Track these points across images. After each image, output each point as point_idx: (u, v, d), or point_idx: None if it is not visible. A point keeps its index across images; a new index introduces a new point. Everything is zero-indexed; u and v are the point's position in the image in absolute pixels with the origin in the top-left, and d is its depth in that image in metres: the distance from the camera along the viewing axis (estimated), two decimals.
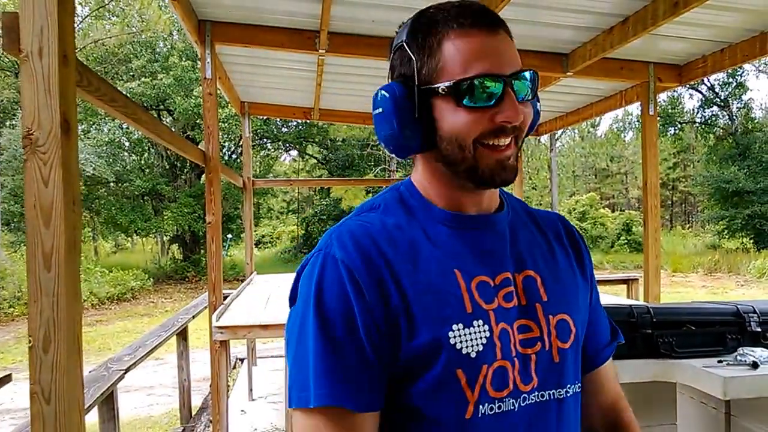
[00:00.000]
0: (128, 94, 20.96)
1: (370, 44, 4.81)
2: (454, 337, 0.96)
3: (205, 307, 6.00)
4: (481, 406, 0.97)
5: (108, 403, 3.78)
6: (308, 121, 8.54)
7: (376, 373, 0.95)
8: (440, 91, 0.98)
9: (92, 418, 3.85)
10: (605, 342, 1.24)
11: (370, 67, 5.67)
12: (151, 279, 20.21)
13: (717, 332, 2.51)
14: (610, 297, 4.07)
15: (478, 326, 0.98)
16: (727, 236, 28.38)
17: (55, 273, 1.65)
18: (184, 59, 21.86)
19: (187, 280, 22.06)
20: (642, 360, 2.43)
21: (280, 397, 6.51)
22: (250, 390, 6.56)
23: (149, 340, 4.71)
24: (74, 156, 1.75)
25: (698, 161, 36.37)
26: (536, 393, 1.02)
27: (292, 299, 1.05)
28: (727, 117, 31.94)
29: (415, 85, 1.00)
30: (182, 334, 6.04)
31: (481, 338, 0.97)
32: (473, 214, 1.08)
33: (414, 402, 0.97)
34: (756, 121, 32.73)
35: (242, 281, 6.95)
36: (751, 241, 26.64)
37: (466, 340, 0.96)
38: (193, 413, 6.29)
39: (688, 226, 40.51)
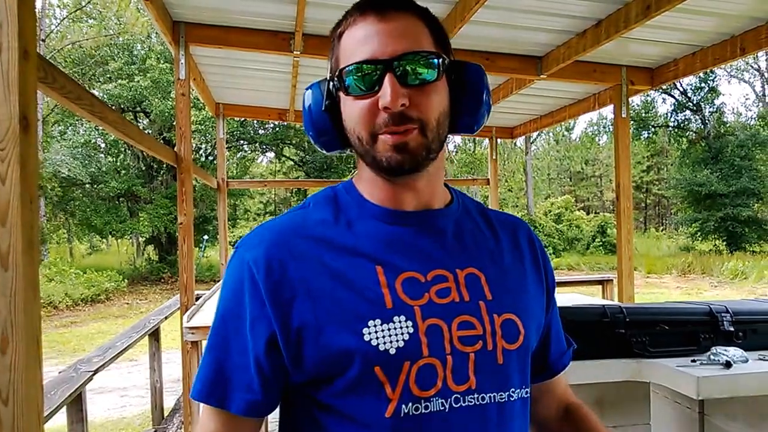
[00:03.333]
0: (105, 96, 20.94)
1: None
2: (370, 333, 0.91)
3: (178, 309, 5.94)
4: (403, 406, 0.91)
5: (76, 404, 3.73)
6: (284, 122, 8.49)
7: (262, 377, 0.94)
8: (336, 82, 0.98)
9: (61, 420, 3.81)
10: (564, 349, 1.22)
11: None
12: (126, 280, 20.01)
13: (690, 332, 2.52)
14: (584, 297, 4.10)
15: (399, 322, 0.93)
16: (700, 238, 28.79)
17: (12, 272, 1.59)
18: (161, 62, 21.76)
19: (162, 281, 21.89)
20: (615, 360, 2.43)
21: None
22: None
23: (120, 342, 4.64)
24: (33, 153, 1.69)
25: (671, 164, 36.85)
26: (473, 395, 0.96)
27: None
28: (699, 121, 32.40)
29: (327, 81, 1.02)
30: (154, 335, 5.98)
31: (402, 334, 0.92)
32: (410, 210, 1.03)
33: (332, 400, 0.94)
34: (728, 125, 33.26)
35: (218, 282, 6.88)
36: (724, 243, 27.05)
37: (384, 336, 0.91)
38: (166, 414, 6.22)
39: (661, 228, 41.01)
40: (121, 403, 7.57)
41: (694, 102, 32.37)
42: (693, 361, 2.37)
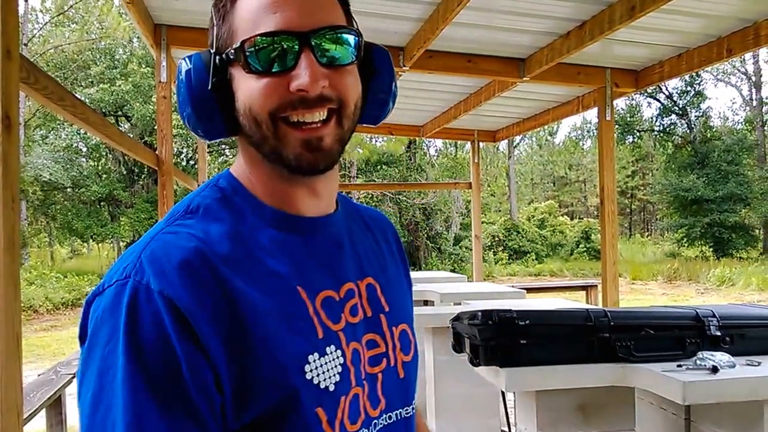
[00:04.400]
0: (87, 100, 20.86)
1: None
2: (311, 370, 0.79)
3: None
4: None
5: (56, 407, 3.71)
6: None
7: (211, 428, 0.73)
8: (230, 56, 0.81)
9: (40, 423, 3.76)
10: None
11: None
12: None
13: (676, 336, 2.47)
14: (567, 302, 4.04)
15: (331, 353, 0.82)
16: (686, 244, 28.89)
17: None
18: (143, 66, 21.95)
19: None
20: (599, 364, 2.38)
21: None
22: None
23: None
24: (15, 152, 1.71)
25: (657, 169, 37.04)
26: (384, 415, 0.89)
27: (82, 338, 0.77)
28: (685, 125, 32.60)
29: (211, 53, 0.84)
30: None
31: (336, 366, 0.82)
32: (314, 215, 0.90)
33: None
34: (714, 129, 33.54)
35: None
36: (711, 249, 27.13)
37: (323, 372, 0.80)
38: None
39: (647, 234, 41.21)
40: None
41: (680, 106, 32.55)
42: (679, 366, 2.32)
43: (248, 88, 0.81)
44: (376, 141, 24.86)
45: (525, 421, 2.55)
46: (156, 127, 4.84)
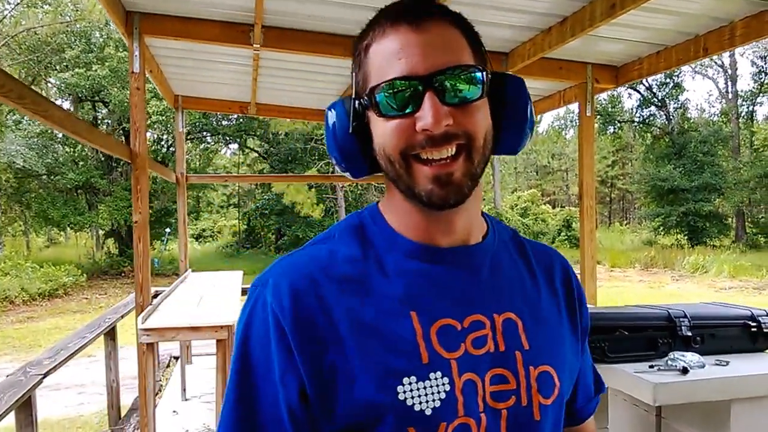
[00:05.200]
0: (62, 85, 20.43)
1: (307, 39, 4.69)
2: (405, 392, 0.83)
3: (134, 307, 5.83)
4: None
5: (25, 409, 3.61)
6: (246, 115, 8.38)
7: (296, 428, 0.85)
8: (365, 101, 0.88)
9: (10, 423, 3.71)
10: (591, 395, 1.14)
11: (309, 62, 5.56)
12: (85, 274, 19.60)
13: (649, 337, 2.50)
14: None
15: (436, 379, 0.84)
16: (662, 233, 29.32)
17: None
18: (120, 50, 21.32)
19: (123, 275, 21.47)
20: None
21: (214, 397, 6.37)
22: (183, 390, 6.37)
23: (72, 342, 4.51)
24: None
25: (636, 159, 37.39)
26: None
27: None
28: (664, 117, 32.94)
29: (352, 99, 0.92)
30: (110, 334, 5.83)
31: (439, 392, 0.84)
32: (445, 246, 0.93)
33: None
34: (692, 121, 33.93)
35: (180, 277, 6.73)
36: (686, 237, 27.57)
37: (420, 395, 0.83)
38: (123, 414, 6.09)
39: (625, 222, 41.64)
40: (78, 401, 7.43)
41: (659, 98, 32.87)
42: (651, 366, 2.35)
43: (381, 130, 0.87)
44: None
45: None
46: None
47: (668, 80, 32.64)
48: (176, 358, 8.34)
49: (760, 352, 2.56)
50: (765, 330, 2.55)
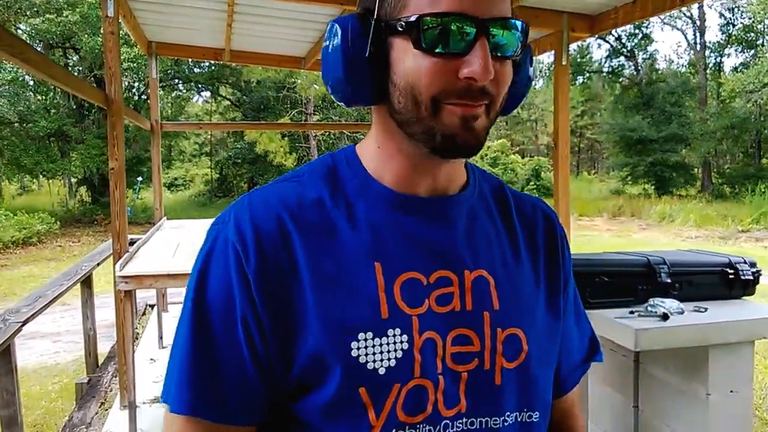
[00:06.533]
0: (32, 32, 19.85)
1: None
2: (359, 348, 0.77)
3: (110, 255, 5.78)
4: None
5: (5, 356, 3.58)
6: (220, 62, 8.22)
7: (252, 384, 0.79)
8: (399, 27, 0.76)
9: None
10: (576, 363, 1.04)
11: (284, 9, 5.45)
12: (59, 222, 19.33)
13: (628, 283, 2.57)
14: None
15: (394, 336, 0.79)
16: (630, 182, 29.74)
17: None
18: None
19: (96, 223, 21.29)
20: None
21: None
22: (160, 337, 6.39)
23: (50, 290, 4.47)
24: None
25: (605, 110, 37.56)
26: (462, 419, 0.82)
27: None
28: (633, 67, 33.03)
29: (372, 18, 0.79)
30: (86, 283, 5.79)
31: (396, 351, 0.79)
32: (423, 196, 0.87)
33: (307, 418, 0.80)
34: (660, 72, 34.10)
35: (154, 225, 6.68)
36: (653, 187, 27.99)
37: (375, 353, 0.78)
38: (101, 362, 6.10)
39: (593, 171, 42.06)
40: (54, 349, 7.42)
41: (628, 48, 32.94)
42: (631, 312, 2.42)
43: (414, 65, 0.76)
44: None
45: None
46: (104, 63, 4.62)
47: (637, 31, 32.69)
48: (152, 306, 8.33)
49: (736, 299, 2.64)
50: (742, 277, 2.62)
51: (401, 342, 0.79)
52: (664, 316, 2.32)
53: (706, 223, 19.87)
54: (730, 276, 2.63)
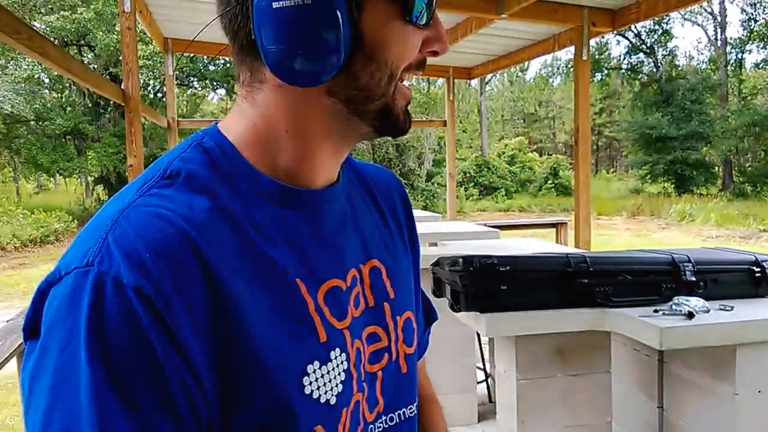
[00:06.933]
0: (47, 29, 20.15)
1: None
2: (310, 383, 0.67)
3: None
4: None
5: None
6: None
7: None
8: None
9: (11, 370, 3.71)
10: (423, 328, 0.99)
11: None
12: (76, 221, 19.47)
13: (653, 281, 2.50)
14: (544, 244, 4.08)
15: (336, 358, 0.70)
16: (649, 181, 29.46)
17: None
18: None
19: None
20: (577, 309, 2.41)
21: None
22: None
23: None
24: None
25: (624, 107, 37.31)
26: (383, 418, 0.79)
27: (31, 330, 0.61)
28: (652, 64, 32.74)
29: None
30: None
31: (339, 374, 0.70)
32: (318, 188, 0.75)
33: None
34: (680, 68, 33.77)
35: None
36: (672, 185, 27.73)
37: (324, 383, 0.68)
38: None
39: (612, 170, 41.80)
40: None
41: (648, 44, 32.64)
42: (655, 311, 2.35)
43: (398, 37, 0.68)
44: None
45: (504, 364, 2.59)
46: (121, 59, 4.63)
47: (657, 27, 32.37)
48: None
49: (763, 297, 2.57)
50: None
51: (342, 362, 0.71)
52: (690, 315, 2.26)
53: (726, 223, 19.62)
54: (757, 274, 2.56)
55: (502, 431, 2.65)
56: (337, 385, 0.70)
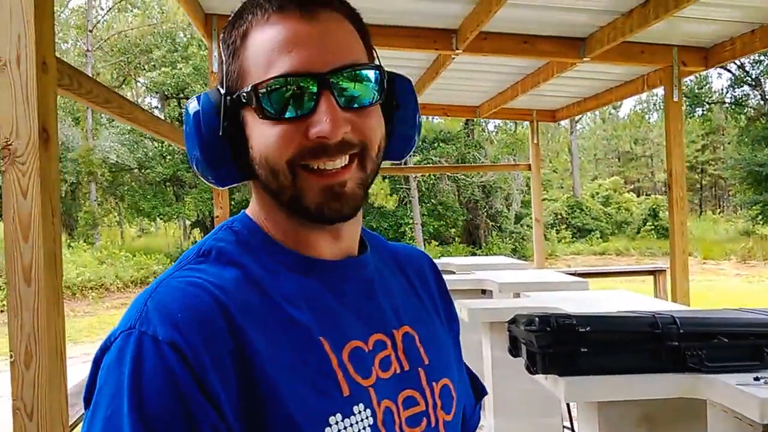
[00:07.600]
0: (149, 84, 21.96)
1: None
2: None
3: None
4: None
5: None
6: None
7: None
8: (243, 99, 0.75)
9: None
10: (473, 403, 1.04)
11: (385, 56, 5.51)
12: (173, 263, 20.57)
13: (752, 345, 2.30)
14: (632, 295, 3.82)
15: (360, 413, 0.74)
16: (761, 222, 27.74)
17: (35, 287, 1.63)
18: (203, 48, 22.59)
19: None
20: (667, 374, 2.24)
21: None
22: None
23: None
24: (54, 167, 1.73)
25: (729, 143, 35.76)
26: None
27: (88, 399, 0.70)
28: (759, 97, 31.24)
29: (221, 95, 0.77)
30: None
31: (364, 428, 0.74)
32: (332, 259, 0.82)
33: None
34: None
35: None
36: None
37: None
38: None
39: (719, 210, 39.85)
40: None
41: (753, 76, 31.19)
42: (756, 378, 2.16)
43: (263, 136, 0.75)
44: (432, 119, 24.58)
45: (587, 430, 2.43)
46: None
47: (763, 57, 30.91)
48: None
49: None
50: None
51: (367, 417, 0.74)
52: None
53: None
54: None
55: None
56: None
